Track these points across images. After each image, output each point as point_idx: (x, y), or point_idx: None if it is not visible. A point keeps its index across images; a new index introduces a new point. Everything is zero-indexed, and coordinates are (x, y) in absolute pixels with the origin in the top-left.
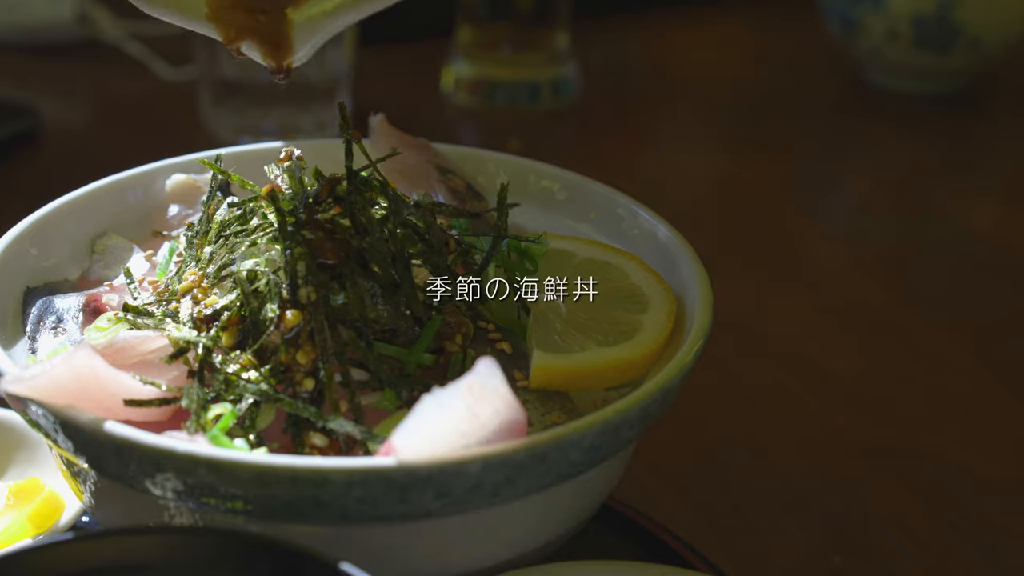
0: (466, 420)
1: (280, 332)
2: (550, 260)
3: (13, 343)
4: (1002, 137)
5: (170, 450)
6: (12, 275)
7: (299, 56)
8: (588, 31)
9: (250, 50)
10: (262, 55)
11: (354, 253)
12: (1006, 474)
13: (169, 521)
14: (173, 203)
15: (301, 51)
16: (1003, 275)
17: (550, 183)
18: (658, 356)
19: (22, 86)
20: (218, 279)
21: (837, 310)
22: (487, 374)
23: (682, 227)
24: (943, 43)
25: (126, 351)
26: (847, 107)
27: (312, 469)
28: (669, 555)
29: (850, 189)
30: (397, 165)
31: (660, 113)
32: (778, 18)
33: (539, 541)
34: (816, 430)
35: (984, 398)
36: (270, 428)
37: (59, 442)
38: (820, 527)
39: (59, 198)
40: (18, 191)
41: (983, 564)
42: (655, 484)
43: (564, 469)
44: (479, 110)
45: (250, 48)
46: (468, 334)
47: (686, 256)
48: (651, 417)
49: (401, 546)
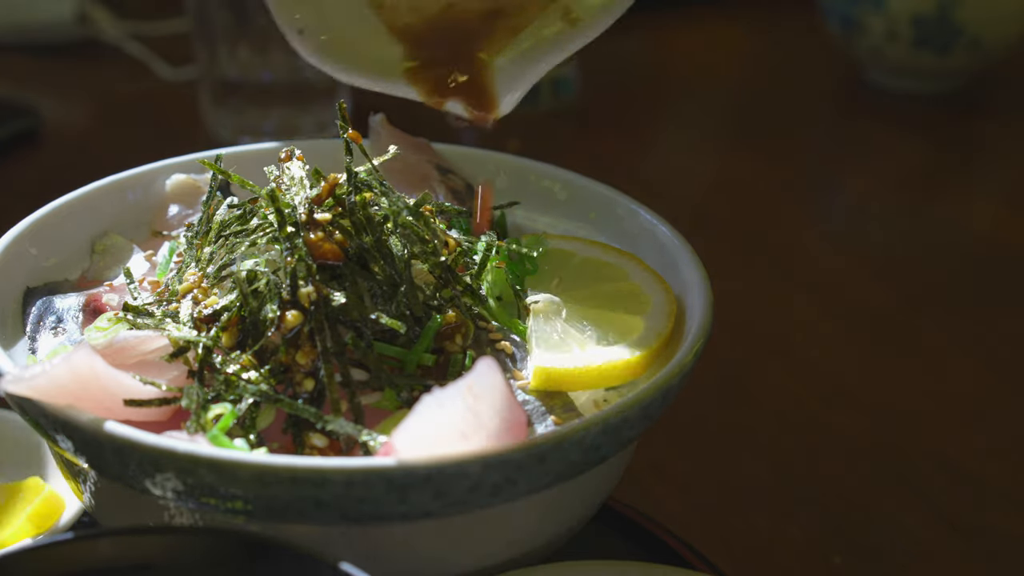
0: (466, 420)
1: (280, 332)
2: (550, 260)
3: (13, 343)
4: (1002, 137)
5: (170, 450)
6: (12, 275)
7: (504, 105)
8: None
9: (454, 105)
10: (465, 109)
11: (354, 253)
12: (1006, 474)
13: (169, 521)
14: (173, 203)
15: (505, 99)
16: (1003, 275)
17: (550, 183)
18: (658, 356)
19: (22, 86)
20: (218, 279)
21: (837, 310)
22: (487, 374)
23: (682, 227)
24: (943, 43)
25: (126, 351)
26: (847, 107)
27: (312, 469)
28: (669, 555)
29: (850, 189)
30: (397, 165)
31: (660, 113)
32: (778, 18)
33: (539, 541)
34: (816, 430)
35: (984, 398)
36: (270, 428)
37: (59, 442)
38: (820, 527)
39: (59, 198)
40: (18, 191)
41: (983, 564)
42: (655, 484)
43: (564, 469)
44: None
45: (454, 104)
46: (468, 334)
47: (686, 256)
48: (651, 417)
49: (401, 546)
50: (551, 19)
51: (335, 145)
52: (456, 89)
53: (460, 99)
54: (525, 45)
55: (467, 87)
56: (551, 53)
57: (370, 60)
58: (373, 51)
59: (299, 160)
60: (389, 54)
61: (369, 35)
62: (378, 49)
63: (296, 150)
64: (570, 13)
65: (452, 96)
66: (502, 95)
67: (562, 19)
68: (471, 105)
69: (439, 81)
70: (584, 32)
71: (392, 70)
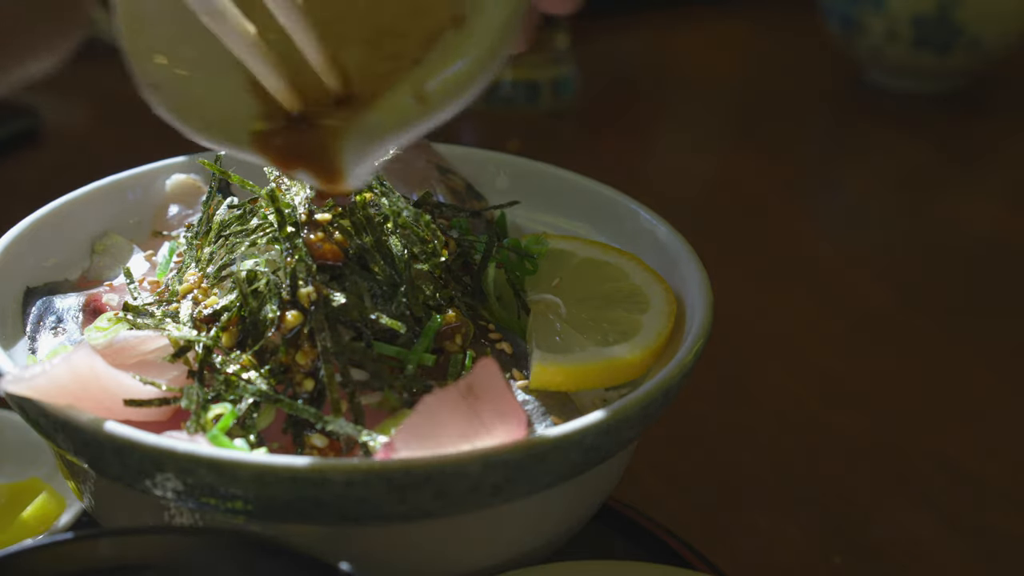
0: (466, 420)
1: (280, 332)
2: (550, 260)
3: (13, 343)
4: (1002, 137)
5: (170, 450)
6: (12, 275)
7: (353, 178)
8: (588, 31)
9: (305, 176)
10: (315, 181)
11: (354, 253)
12: (1006, 474)
13: (169, 521)
14: (173, 203)
15: (354, 173)
16: (1003, 275)
17: (550, 183)
18: (658, 356)
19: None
20: (218, 279)
21: (837, 310)
22: (487, 374)
23: (682, 227)
24: (943, 43)
25: (126, 351)
26: (847, 107)
27: (312, 469)
28: (669, 555)
29: (850, 189)
30: (397, 165)
31: (660, 113)
32: (778, 18)
33: (539, 541)
34: (816, 430)
35: (984, 398)
36: (270, 428)
37: (59, 442)
38: (820, 527)
39: (59, 198)
40: (18, 191)
41: (983, 565)
42: (655, 484)
43: (564, 469)
44: (479, 110)
45: (304, 174)
46: (468, 334)
47: (686, 256)
48: (651, 417)
49: (401, 546)
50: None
51: None
52: (303, 160)
53: (307, 170)
54: (373, 119)
55: (314, 157)
56: (398, 130)
57: (222, 122)
58: (227, 110)
59: None
60: (243, 113)
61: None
62: (232, 109)
63: None
64: (421, 91)
65: (299, 166)
66: (349, 168)
67: (413, 96)
68: (318, 177)
69: (287, 150)
70: (431, 113)
71: (242, 136)
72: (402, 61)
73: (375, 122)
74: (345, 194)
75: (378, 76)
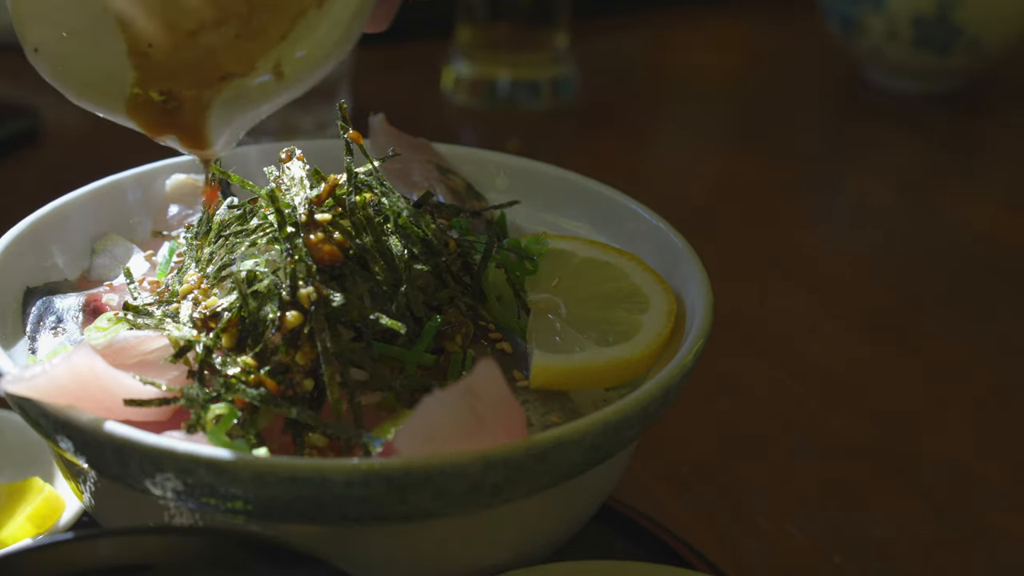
0: (466, 420)
1: (280, 333)
2: (550, 260)
3: (13, 343)
4: (1002, 137)
5: (170, 450)
6: (12, 275)
7: (219, 146)
8: (588, 31)
9: (173, 142)
10: (183, 146)
11: (354, 253)
12: (1006, 474)
13: (169, 521)
14: (173, 203)
15: (220, 141)
16: (1002, 275)
17: (550, 183)
18: (658, 356)
19: (22, 86)
20: (218, 280)
21: (837, 310)
22: (487, 374)
23: (682, 227)
24: (943, 43)
25: (126, 351)
26: (847, 107)
27: (312, 469)
28: (669, 555)
29: (850, 189)
30: (397, 165)
31: (660, 113)
32: (778, 18)
33: (539, 541)
34: (816, 430)
35: (984, 398)
36: (270, 428)
37: (59, 442)
38: (820, 527)
39: (59, 198)
40: (18, 191)
41: (983, 564)
42: (655, 484)
43: (564, 469)
44: (479, 110)
45: (173, 140)
46: (468, 334)
47: (686, 256)
48: (651, 417)
49: (401, 546)
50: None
51: (335, 145)
52: (172, 126)
53: (176, 136)
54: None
55: (183, 125)
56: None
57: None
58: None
59: (299, 160)
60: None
61: (105, 58)
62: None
63: (296, 150)
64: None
65: (168, 132)
66: (215, 136)
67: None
68: (186, 143)
69: (158, 117)
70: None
71: (118, 101)
72: (270, 36)
73: (237, 94)
74: (212, 159)
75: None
